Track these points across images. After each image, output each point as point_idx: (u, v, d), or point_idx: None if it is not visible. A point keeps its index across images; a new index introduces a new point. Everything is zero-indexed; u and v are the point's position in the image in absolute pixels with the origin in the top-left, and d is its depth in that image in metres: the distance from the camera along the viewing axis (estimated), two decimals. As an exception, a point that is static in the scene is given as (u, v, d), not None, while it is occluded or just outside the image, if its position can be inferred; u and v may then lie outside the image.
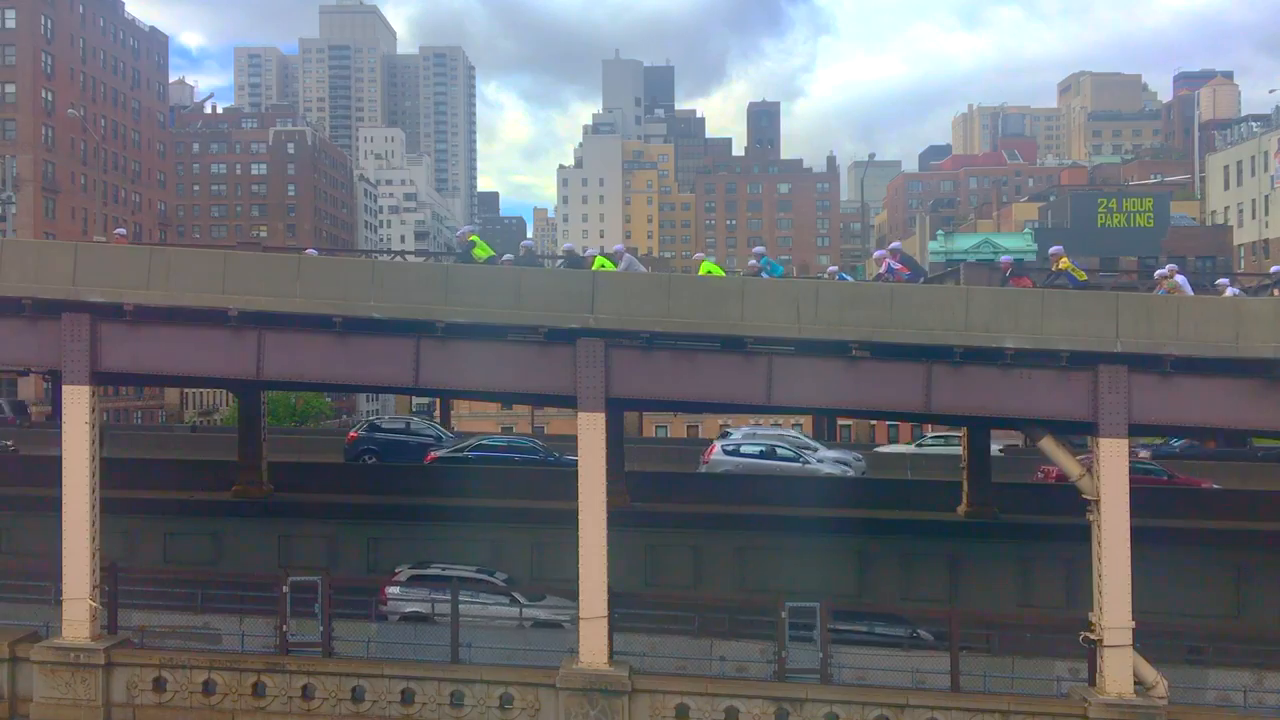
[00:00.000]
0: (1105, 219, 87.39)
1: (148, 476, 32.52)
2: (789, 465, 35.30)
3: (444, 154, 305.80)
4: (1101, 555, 21.06)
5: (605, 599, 21.66)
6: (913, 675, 22.85)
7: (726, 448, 36.76)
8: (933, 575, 29.40)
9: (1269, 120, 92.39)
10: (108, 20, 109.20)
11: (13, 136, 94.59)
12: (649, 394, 23.11)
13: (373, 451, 37.94)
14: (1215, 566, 28.66)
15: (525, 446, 37.54)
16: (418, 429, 41.31)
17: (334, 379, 24.92)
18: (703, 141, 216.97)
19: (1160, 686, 20.95)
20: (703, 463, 36.44)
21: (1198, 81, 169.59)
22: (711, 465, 35.80)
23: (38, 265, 22.41)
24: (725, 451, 36.39)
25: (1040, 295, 22.24)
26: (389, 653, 23.72)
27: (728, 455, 36.11)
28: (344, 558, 30.15)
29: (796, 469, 34.86)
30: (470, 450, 36.65)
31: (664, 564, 30.12)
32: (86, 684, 22.18)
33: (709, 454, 36.59)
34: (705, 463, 36.23)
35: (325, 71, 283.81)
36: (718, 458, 36.07)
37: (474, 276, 22.57)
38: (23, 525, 29.76)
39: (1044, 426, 22.16)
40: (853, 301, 21.86)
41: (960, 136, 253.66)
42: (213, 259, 23.05)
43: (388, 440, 39.07)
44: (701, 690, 21.78)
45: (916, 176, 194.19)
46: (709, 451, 36.90)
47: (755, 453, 36.51)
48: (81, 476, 22.35)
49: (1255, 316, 21.10)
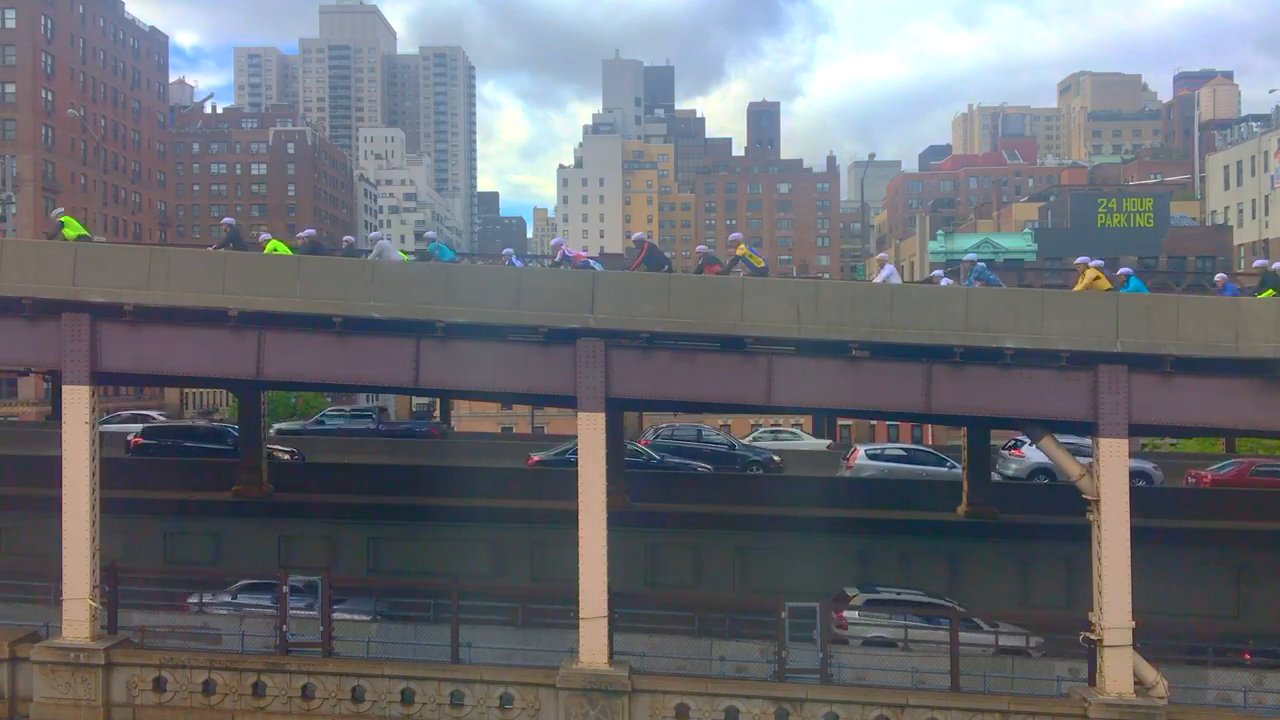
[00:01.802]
0: (1105, 219, 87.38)
1: (148, 476, 32.53)
2: (935, 470, 34.87)
3: (444, 154, 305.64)
4: (1101, 555, 21.07)
5: (605, 599, 21.67)
6: (913, 675, 22.86)
7: (870, 452, 36.25)
8: (933, 575, 29.38)
9: (1269, 120, 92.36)
10: (108, 20, 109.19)
11: (13, 136, 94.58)
12: (649, 394, 23.12)
13: None
14: (1215, 566, 28.67)
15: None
16: (709, 437, 39.88)
17: (334, 379, 24.94)
18: (703, 141, 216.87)
19: (1160, 686, 20.96)
20: (846, 468, 35.92)
21: (1198, 81, 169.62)
22: (856, 470, 35.28)
23: (38, 265, 22.42)
24: (869, 456, 35.89)
25: (1040, 295, 22.28)
26: (389, 653, 23.73)
27: (871, 460, 35.61)
28: (344, 558, 30.15)
29: (943, 473, 34.38)
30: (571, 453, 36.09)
31: (664, 564, 30.12)
32: (86, 684, 22.19)
33: (852, 459, 36.03)
34: (849, 468, 35.69)
35: (325, 71, 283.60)
36: (861, 462, 35.56)
37: (474, 277, 22.60)
38: (23, 525, 29.75)
39: (1044, 426, 22.19)
40: (853, 301, 21.87)
41: (960, 136, 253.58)
42: (213, 259, 23.05)
43: (676, 447, 37.68)
44: (701, 690, 21.80)
45: (916, 176, 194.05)
46: (852, 456, 36.28)
47: (898, 456, 36.37)
48: (81, 476, 22.35)
49: (1255, 316, 21.12)
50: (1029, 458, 33.91)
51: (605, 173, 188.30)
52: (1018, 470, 34.51)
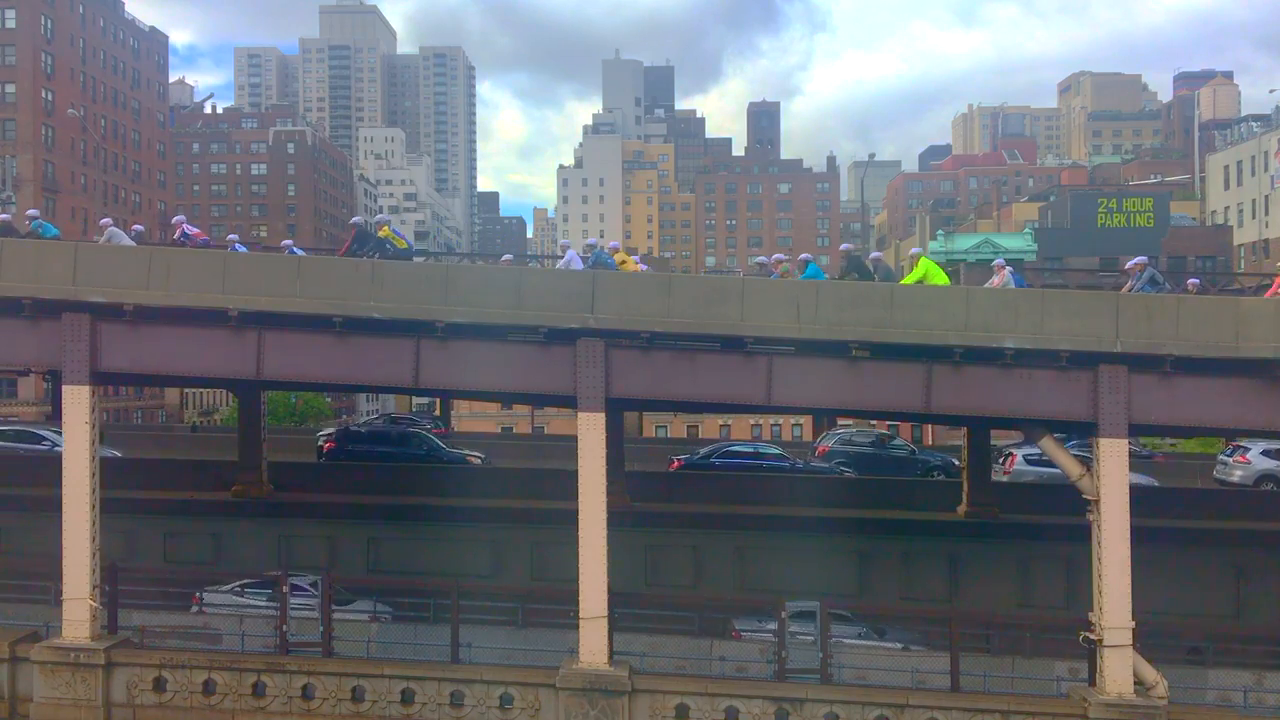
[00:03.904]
0: (1105, 219, 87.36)
1: (148, 476, 32.52)
2: None
3: (444, 154, 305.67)
4: (1101, 555, 21.07)
5: (605, 599, 21.66)
6: (913, 675, 22.87)
7: (1029, 457, 34.69)
8: (933, 575, 29.40)
9: (1269, 120, 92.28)
10: (108, 20, 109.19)
11: (13, 136, 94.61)
12: (649, 394, 23.10)
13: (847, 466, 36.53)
14: (1215, 566, 28.65)
15: (772, 454, 36.91)
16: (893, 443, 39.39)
17: (334, 379, 24.95)
18: (703, 141, 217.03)
19: (1160, 686, 20.95)
20: (1004, 473, 34.59)
21: (1198, 81, 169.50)
22: (1015, 475, 34.30)
23: (38, 265, 22.41)
24: (1028, 461, 34.57)
25: (1040, 295, 22.24)
26: (389, 653, 23.74)
27: (1030, 465, 34.33)
28: (344, 558, 30.16)
29: None
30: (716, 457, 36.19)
31: (664, 564, 30.10)
32: (86, 684, 22.18)
33: (1010, 464, 34.93)
34: (1007, 473, 34.54)
35: (325, 71, 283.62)
36: (1020, 467, 34.52)
37: (474, 277, 22.63)
38: (23, 525, 29.74)
39: (1044, 426, 22.19)
40: (853, 301, 21.84)
41: (960, 136, 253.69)
42: (213, 259, 23.04)
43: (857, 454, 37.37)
44: (701, 690, 21.78)
45: (916, 176, 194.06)
46: (1009, 461, 35.10)
47: None
48: (81, 476, 22.35)
49: (1255, 316, 21.10)
50: (1255, 465, 32.99)
51: (605, 173, 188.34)
52: (1243, 478, 33.38)
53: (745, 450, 37.56)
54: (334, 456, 36.59)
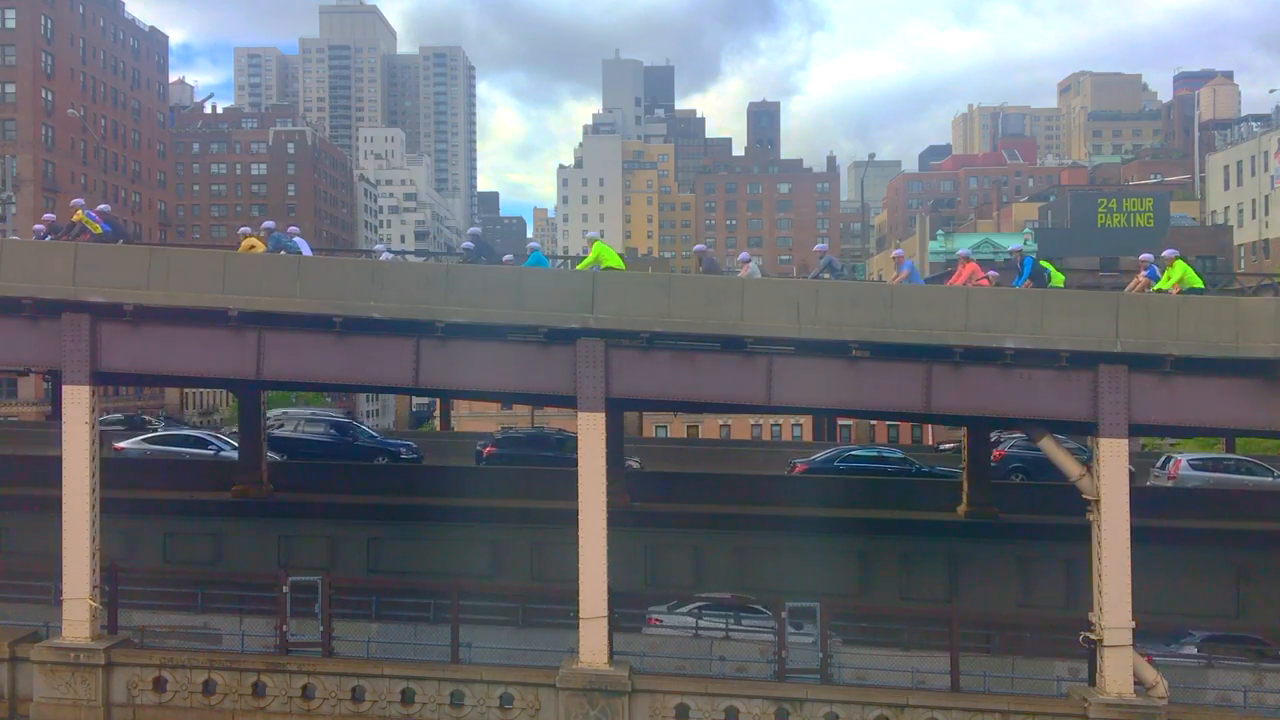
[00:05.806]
0: (1105, 219, 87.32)
1: (148, 476, 32.52)
2: (1265, 481, 33.58)
3: (444, 154, 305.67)
4: (1101, 555, 21.07)
5: (605, 599, 21.66)
6: (913, 675, 22.88)
7: (1193, 462, 34.90)
8: (933, 575, 29.40)
9: (1269, 120, 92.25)
10: (108, 20, 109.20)
11: (13, 136, 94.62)
12: (649, 394, 23.11)
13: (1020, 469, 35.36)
14: (1215, 566, 28.65)
15: (895, 458, 36.76)
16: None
17: (334, 379, 24.95)
18: (703, 141, 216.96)
19: (1160, 686, 20.96)
20: (1169, 479, 34.26)
21: (1197, 81, 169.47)
22: (1180, 480, 33.92)
23: (38, 265, 22.43)
24: (1193, 466, 34.62)
25: (1040, 295, 22.24)
26: (389, 653, 23.74)
27: (1195, 470, 34.40)
28: (344, 558, 30.15)
29: (1270, 484, 33.37)
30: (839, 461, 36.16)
31: (664, 564, 30.10)
32: (86, 684, 22.18)
33: (1175, 469, 34.49)
34: (1172, 479, 34.15)
35: (325, 71, 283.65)
36: (1185, 473, 34.18)
37: (474, 277, 22.58)
38: (23, 525, 29.74)
39: (1044, 426, 22.19)
40: (853, 301, 21.85)
41: (960, 136, 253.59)
42: (213, 259, 23.06)
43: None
44: (701, 690, 21.80)
45: (916, 176, 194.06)
46: (1174, 466, 34.66)
47: (1228, 466, 35.30)
48: (81, 476, 22.35)
49: (1255, 316, 21.10)
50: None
51: (605, 173, 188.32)
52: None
53: (868, 454, 37.55)
54: (494, 461, 36.48)
